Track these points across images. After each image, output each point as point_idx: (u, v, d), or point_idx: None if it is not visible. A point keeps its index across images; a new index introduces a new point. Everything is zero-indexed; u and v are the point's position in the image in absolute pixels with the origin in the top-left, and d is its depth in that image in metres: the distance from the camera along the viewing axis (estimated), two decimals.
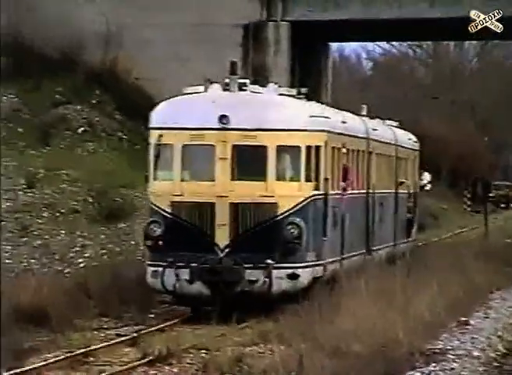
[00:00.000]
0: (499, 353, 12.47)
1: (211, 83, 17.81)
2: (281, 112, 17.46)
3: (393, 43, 68.48)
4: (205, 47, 33.96)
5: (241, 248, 16.36)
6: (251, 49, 34.76)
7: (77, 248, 23.43)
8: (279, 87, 18.75)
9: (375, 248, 22.61)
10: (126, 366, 11.74)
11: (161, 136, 17.19)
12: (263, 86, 18.53)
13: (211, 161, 16.85)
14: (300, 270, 16.52)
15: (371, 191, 22.56)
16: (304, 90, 18.78)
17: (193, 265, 16.16)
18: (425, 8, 34.61)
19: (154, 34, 34.43)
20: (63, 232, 24.26)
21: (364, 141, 22.14)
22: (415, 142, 28.83)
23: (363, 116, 24.19)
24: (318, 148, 17.57)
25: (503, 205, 59.83)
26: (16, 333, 13.91)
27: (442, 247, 31.90)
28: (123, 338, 14.04)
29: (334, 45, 50.81)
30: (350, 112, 22.75)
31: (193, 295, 16.41)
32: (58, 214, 25.36)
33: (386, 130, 25.75)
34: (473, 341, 13.35)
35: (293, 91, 18.51)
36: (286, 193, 16.88)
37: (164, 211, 16.81)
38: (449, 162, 54.64)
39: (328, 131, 18.23)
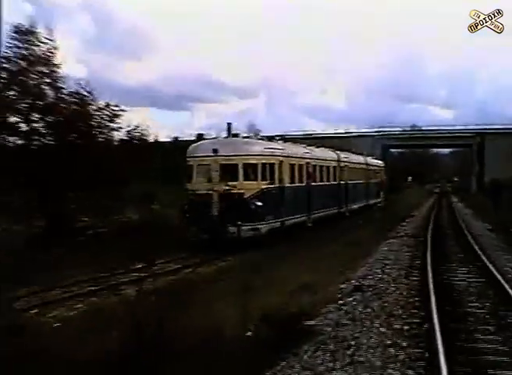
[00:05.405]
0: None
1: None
2: (248, 146, 26.00)
3: None
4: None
5: (225, 216, 24.43)
6: None
7: None
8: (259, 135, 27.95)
9: (349, 207, 34.57)
10: None
11: (188, 161, 26.21)
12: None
13: (210, 172, 25.31)
14: (259, 226, 24.72)
15: (342, 182, 33.30)
16: (269, 136, 28.58)
17: (202, 225, 24.59)
18: None
19: None
20: None
21: (335, 162, 32.49)
22: (381, 164, 48.03)
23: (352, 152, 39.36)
24: (272, 164, 26.02)
25: None
26: None
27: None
28: None
29: None
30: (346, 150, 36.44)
31: (203, 240, 24.56)
32: None
33: (359, 158, 39.47)
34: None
35: (264, 138, 27.78)
36: (249, 187, 24.95)
37: (189, 199, 25.61)
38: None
39: (282, 156, 27.12)
